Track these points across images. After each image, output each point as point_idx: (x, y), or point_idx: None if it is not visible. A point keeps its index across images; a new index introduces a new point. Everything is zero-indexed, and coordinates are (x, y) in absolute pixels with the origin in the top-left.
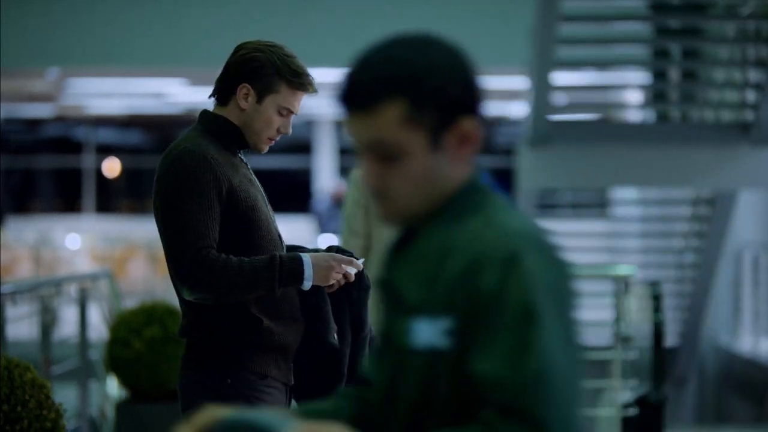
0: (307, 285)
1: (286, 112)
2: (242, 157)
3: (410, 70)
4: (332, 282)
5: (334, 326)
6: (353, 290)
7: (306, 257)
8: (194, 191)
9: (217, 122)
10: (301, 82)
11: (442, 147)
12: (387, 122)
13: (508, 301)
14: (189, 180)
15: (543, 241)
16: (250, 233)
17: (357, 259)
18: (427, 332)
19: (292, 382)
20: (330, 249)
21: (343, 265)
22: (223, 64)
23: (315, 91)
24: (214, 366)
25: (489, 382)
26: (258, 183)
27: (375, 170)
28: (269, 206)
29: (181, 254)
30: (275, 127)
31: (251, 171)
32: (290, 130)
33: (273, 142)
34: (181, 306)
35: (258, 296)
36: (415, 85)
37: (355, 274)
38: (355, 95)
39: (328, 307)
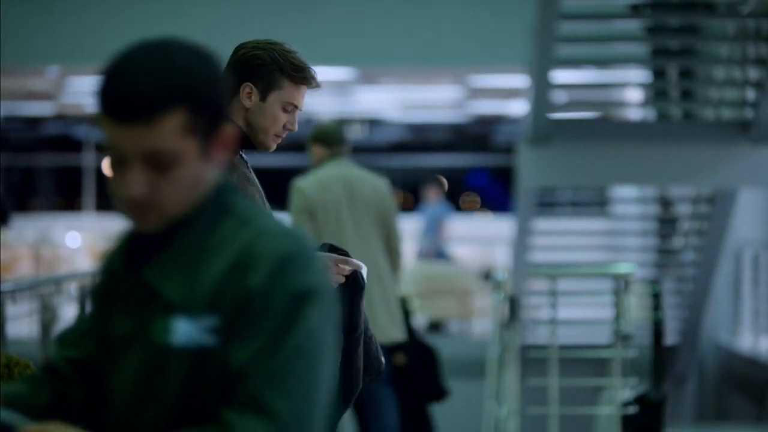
0: None
1: (291, 107)
2: (242, 155)
3: (190, 80)
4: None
5: None
6: (346, 292)
7: None
8: None
9: None
10: (304, 77)
11: (209, 153)
12: (168, 132)
13: (274, 299)
14: None
15: (307, 244)
16: None
17: (350, 257)
18: (190, 330)
19: None
20: (323, 247)
21: (339, 264)
22: (224, 62)
23: (318, 85)
24: None
25: (238, 374)
26: (257, 182)
27: (145, 179)
28: (267, 205)
29: None
30: (281, 123)
31: (251, 170)
32: (296, 126)
33: (280, 139)
34: None
35: None
36: (194, 95)
37: (348, 277)
38: (133, 105)
39: None
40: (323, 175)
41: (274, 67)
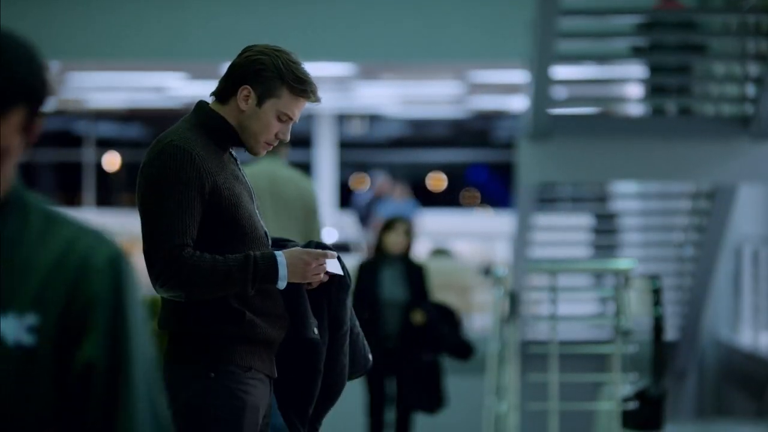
0: (281, 284)
1: (285, 117)
2: (233, 153)
3: (30, 76)
4: (310, 279)
5: (313, 321)
6: (332, 289)
7: (281, 257)
8: (174, 187)
9: (211, 117)
10: (303, 89)
11: (24, 147)
12: (10, 130)
13: (119, 301)
14: (170, 176)
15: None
16: (232, 230)
17: (332, 250)
18: (12, 327)
19: (276, 375)
20: (309, 244)
21: (320, 259)
22: (224, 58)
23: (317, 100)
24: (197, 359)
25: (112, 388)
26: (246, 180)
27: None
28: (257, 203)
29: (154, 251)
30: (273, 131)
31: (240, 167)
32: (288, 137)
33: (270, 147)
34: (161, 297)
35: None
36: (33, 91)
37: (335, 274)
38: None
39: (306, 302)
40: (252, 170)
41: (275, 75)
